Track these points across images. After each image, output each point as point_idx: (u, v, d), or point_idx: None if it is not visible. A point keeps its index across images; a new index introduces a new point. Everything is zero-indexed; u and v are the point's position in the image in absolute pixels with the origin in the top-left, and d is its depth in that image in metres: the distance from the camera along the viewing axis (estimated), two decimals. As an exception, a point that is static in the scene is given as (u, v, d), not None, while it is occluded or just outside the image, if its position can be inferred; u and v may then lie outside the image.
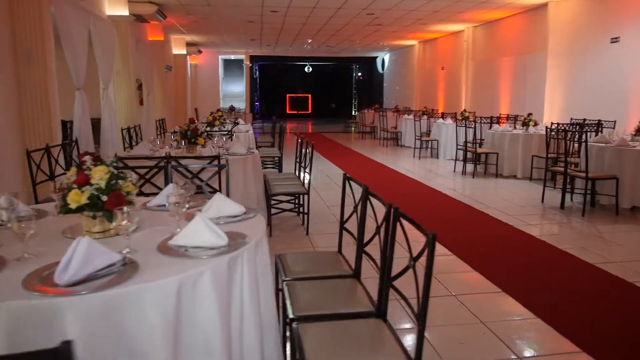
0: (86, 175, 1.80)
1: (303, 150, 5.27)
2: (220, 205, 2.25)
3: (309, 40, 17.69)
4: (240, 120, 10.85)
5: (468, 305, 3.21)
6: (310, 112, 29.81)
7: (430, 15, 12.26)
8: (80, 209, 1.81)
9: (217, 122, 8.02)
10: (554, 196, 6.26)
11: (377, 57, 24.27)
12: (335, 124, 23.39)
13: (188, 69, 20.73)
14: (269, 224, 4.78)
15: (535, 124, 8.28)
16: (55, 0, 6.18)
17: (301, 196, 5.41)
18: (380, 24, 13.86)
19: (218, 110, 10.65)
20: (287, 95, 29.66)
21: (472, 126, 8.30)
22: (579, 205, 5.95)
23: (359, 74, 27.42)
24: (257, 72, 27.25)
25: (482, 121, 9.73)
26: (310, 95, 29.80)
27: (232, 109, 17.45)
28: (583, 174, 5.52)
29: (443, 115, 12.16)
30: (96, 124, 9.25)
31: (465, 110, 11.00)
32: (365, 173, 8.90)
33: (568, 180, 5.92)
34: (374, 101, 24.66)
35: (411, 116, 13.17)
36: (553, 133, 6.00)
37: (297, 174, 5.59)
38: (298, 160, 5.28)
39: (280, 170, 8.41)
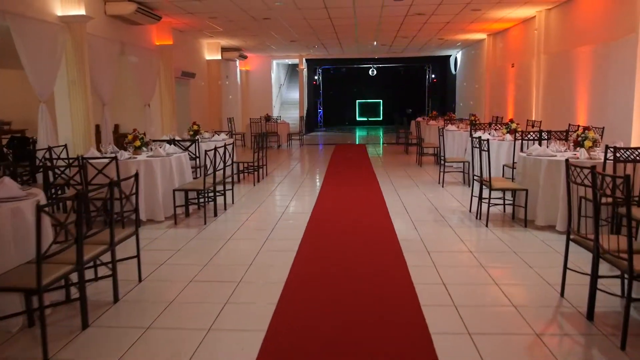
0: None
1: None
2: None
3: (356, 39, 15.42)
4: (222, 136, 8.93)
5: None
6: (381, 118, 27.24)
7: (477, -5, 9.41)
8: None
9: (137, 142, 6.14)
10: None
11: (450, 55, 21.12)
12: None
13: (237, 76, 19.51)
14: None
15: (594, 145, 5.29)
16: None
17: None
18: (422, 13, 11.21)
19: (194, 123, 8.85)
20: (357, 101, 27.39)
21: (486, 148, 5.47)
22: (636, 315, 3.11)
23: (432, 75, 24.32)
24: (320, 77, 25.33)
25: (529, 137, 6.80)
26: (381, 101, 27.25)
27: (267, 118, 15.69)
28: (615, 254, 2.71)
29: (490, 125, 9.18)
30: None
31: (512, 120, 8.00)
32: (336, 209, 6.48)
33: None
34: (447, 106, 21.54)
35: (454, 127, 10.34)
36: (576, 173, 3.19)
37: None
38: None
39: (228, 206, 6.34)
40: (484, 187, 5.63)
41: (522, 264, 4.17)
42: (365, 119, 27.44)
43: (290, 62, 24.01)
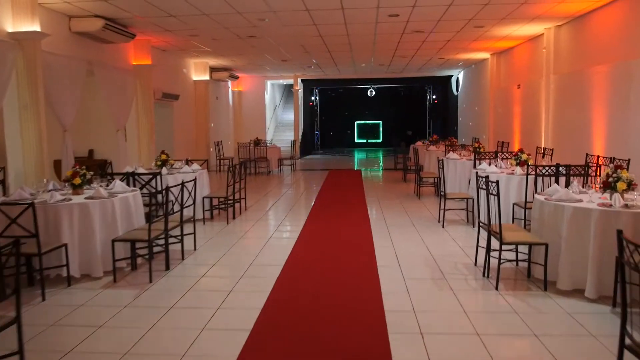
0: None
1: None
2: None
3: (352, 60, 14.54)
4: (194, 166, 7.93)
5: None
6: (381, 140, 26.32)
7: (482, 11, 8.48)
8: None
9: (77, 180, 5.13)
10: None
11: (451, 76, 20.25)
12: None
13: (229, 97, 18.68)
14: None
15: (630, 187, 4.25)
16: None
17: None
18: (420, 31, 10.32)
19: (162, 152, 7.86)
20: (356, 122, 26.50)
21: (495, 191, 4.42)
22: None
23: (434, 96, 23.44)
24: (317, 98, 24.46)
25: (544, 171, 5.78)
26: (381, 122, 26.36)
27: (256, 142, 14.73)
28: None
29: (497, 152, 8.16)
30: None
31: (522, 150, 6.97)
32: (314, 260, 5.44)
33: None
34: (449, 128, 20.62)
35: (456, 155, 9.32)
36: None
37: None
38: None
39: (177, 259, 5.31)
40: (492, 236, 4.58)
41: (547, 357, 3.09)
42: (365, 140, 26.54)
43: (285, 83, 23.19)
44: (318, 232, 6.72)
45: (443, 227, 6.86)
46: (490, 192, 4.41)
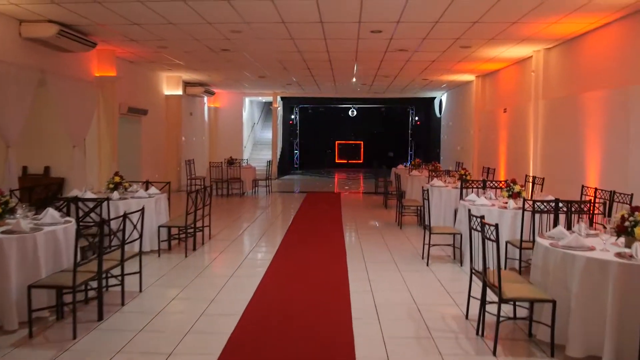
0: None
1: None
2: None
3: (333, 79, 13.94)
4: (152, 190, 7.08)
5: None
6: (362, 161, 25.75)
7: (469, 30, 7.94)
8: None
9: (-4, 209, 4.28)
10: None
11: (434, 97, 19.84)
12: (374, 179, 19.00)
13: (205, 113, 17.87)
14: None
15: (650, 234, 3.58)
16: None
17: None
18: (404, 49, 9.75)
19: (115, 173, 7.00)
20: (337, 142, 25.89)
21: (494, 236, 3.71)
22: None
23: (416, 118, 23.03)
24: (297, 116, 23.83)
25: (542, 207, 5.12)
26: (362, 143, 25.82)
27: (230, 161, 13.91)
28: None
29: (482, 184, 7.50)
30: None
31: (515, 181, 6.31)
32: (279, 308, 4.65)
33: None
34: (431, 151, 20.13)
35: (441, 182, 8.68)
36: None
37: None
38: None
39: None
40: (489, 288, 3.85)
41: None
42: (345, 161, 25.92)
43: (264, 100, 22.52)
44: (287, 271, 5.92)
45: (427, 265, 6.13)
46: (488, 236, 3.70)
